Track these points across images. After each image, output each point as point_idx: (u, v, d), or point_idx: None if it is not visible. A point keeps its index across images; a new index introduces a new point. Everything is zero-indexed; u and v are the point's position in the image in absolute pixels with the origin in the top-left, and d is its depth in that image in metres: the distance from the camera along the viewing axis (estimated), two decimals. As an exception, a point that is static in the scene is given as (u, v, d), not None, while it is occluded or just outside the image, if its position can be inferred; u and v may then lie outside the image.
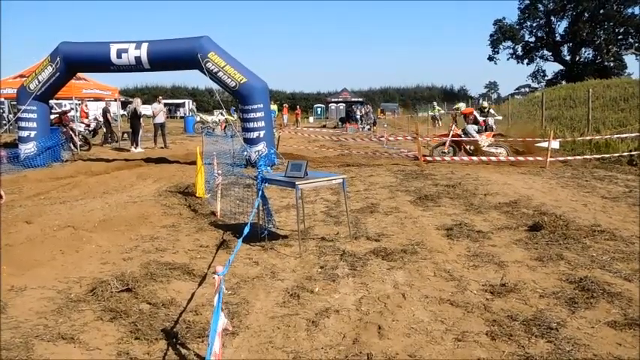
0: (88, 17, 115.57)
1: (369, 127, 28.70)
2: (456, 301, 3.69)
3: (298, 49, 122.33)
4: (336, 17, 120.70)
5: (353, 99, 41.49)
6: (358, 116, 31.91)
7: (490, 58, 56.42)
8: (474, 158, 11.65)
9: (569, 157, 11.65)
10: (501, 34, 54.36)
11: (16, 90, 13.43)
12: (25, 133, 12.81)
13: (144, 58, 11.63)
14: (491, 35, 55.29)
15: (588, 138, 13.05)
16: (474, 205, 7.04)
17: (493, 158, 11.48)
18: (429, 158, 11.83)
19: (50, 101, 13.85)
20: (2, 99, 23.57)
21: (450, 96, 57.32)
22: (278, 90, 56.95)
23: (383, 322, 3.38)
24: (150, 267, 4.45)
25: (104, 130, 18.53)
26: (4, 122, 19.93)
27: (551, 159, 11.05)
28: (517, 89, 61.88)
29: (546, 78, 56.14)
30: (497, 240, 5.27)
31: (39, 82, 12.43)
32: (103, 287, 3.89)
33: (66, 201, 7.79)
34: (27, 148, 12.62)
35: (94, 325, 3.35)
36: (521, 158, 11.40)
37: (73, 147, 14.84)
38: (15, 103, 16.04)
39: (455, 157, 11.84)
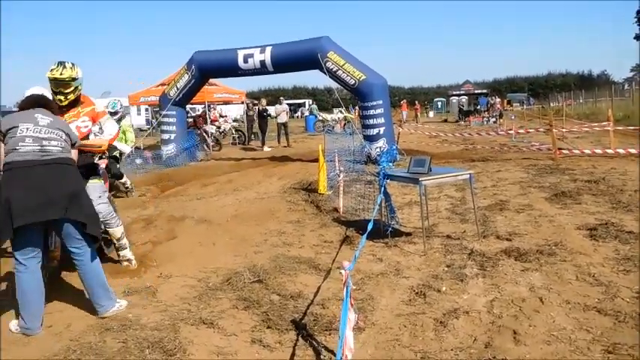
0: (214, 26, 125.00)
1: (494, 119, 27.11)
2: (604, 309, 3.30)
3: (416, 43, 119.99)
4: (456, 7, 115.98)
5: (476, 91, 39.50)
6: (483, 109, 30.40)
7: (637, 37, 49.71)
8: None
9: None
10: (651, 8, 47.54)
11: (158, 97, 15.04)
12: (166, 136, 14.33)
13: (268, 61, 12.29)
14: (638, 12, 48.66)
15: None
16: (622, 202, 6.24)
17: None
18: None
19: (186, 106, 15.26)
20: (147, 106, 26.66)
21: (587, 83, 51.63)
22: (397, 86, 56.37)
23: (518, 326, 3.14)
24: (278, 260, 4.66)
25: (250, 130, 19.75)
26: (148, 127, 22.39)
27: None
28: (673, 71, 53.73)
29: None
30: (654, 242, 4.61)
31: (177, 89, 13.78)
32: (237, 278, 4.17)
33: (202, 197, 8.51)
34: (168, 150, 14.08)
35: (231, 312, 3.59)
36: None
37: (206, 147, 16.21)
38: (157, 109, 17.99)
39: None
